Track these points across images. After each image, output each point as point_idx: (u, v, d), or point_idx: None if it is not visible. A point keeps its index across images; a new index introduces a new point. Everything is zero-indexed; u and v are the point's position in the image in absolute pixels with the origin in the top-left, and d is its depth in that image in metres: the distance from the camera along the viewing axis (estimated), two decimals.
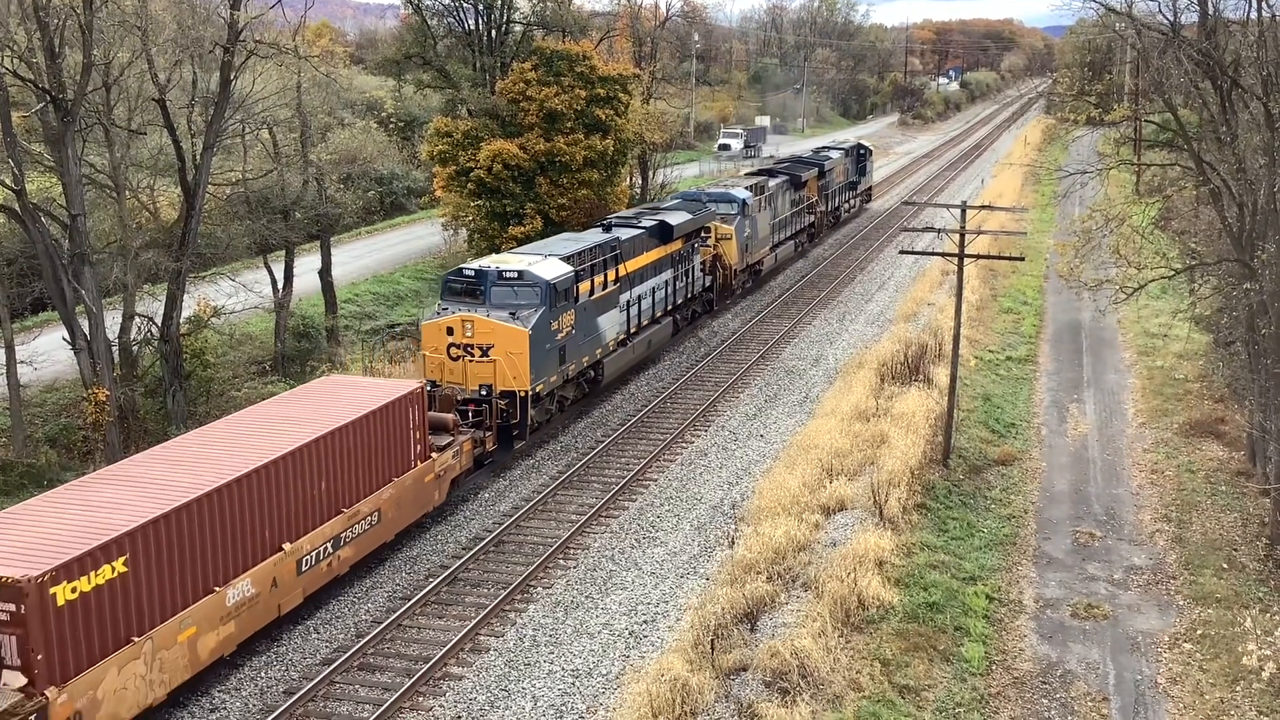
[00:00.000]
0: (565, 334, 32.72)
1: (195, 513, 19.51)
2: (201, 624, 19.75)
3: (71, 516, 18.63)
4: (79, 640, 17.33)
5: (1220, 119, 27.35)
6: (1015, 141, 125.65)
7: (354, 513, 23.83)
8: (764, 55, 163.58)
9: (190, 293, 36.00)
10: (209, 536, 19.88)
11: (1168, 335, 43.22)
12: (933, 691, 20.65)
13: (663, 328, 41.50)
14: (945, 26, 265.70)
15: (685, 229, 42.24)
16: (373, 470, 24.49)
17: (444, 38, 57.86)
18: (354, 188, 47.66)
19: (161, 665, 18.87)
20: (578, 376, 34.69)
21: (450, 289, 32.03)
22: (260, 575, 21.14)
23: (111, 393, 30.80)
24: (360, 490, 24.09)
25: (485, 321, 30.61)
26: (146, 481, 20.23)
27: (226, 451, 21.71)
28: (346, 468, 23.56)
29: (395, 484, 25.29)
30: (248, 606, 20.86)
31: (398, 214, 69.34)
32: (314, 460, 22.47)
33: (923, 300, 49.41)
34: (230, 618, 20.47)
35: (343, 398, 25.28)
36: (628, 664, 21.59)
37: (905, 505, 27.11)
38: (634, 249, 38.12)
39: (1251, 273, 26.18)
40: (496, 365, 30.33)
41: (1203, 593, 24.70)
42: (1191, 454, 32.87)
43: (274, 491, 21.40)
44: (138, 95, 33.35)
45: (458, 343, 30.64)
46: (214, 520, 19.95)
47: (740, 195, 49.50)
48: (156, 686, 18.81)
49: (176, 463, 21.22)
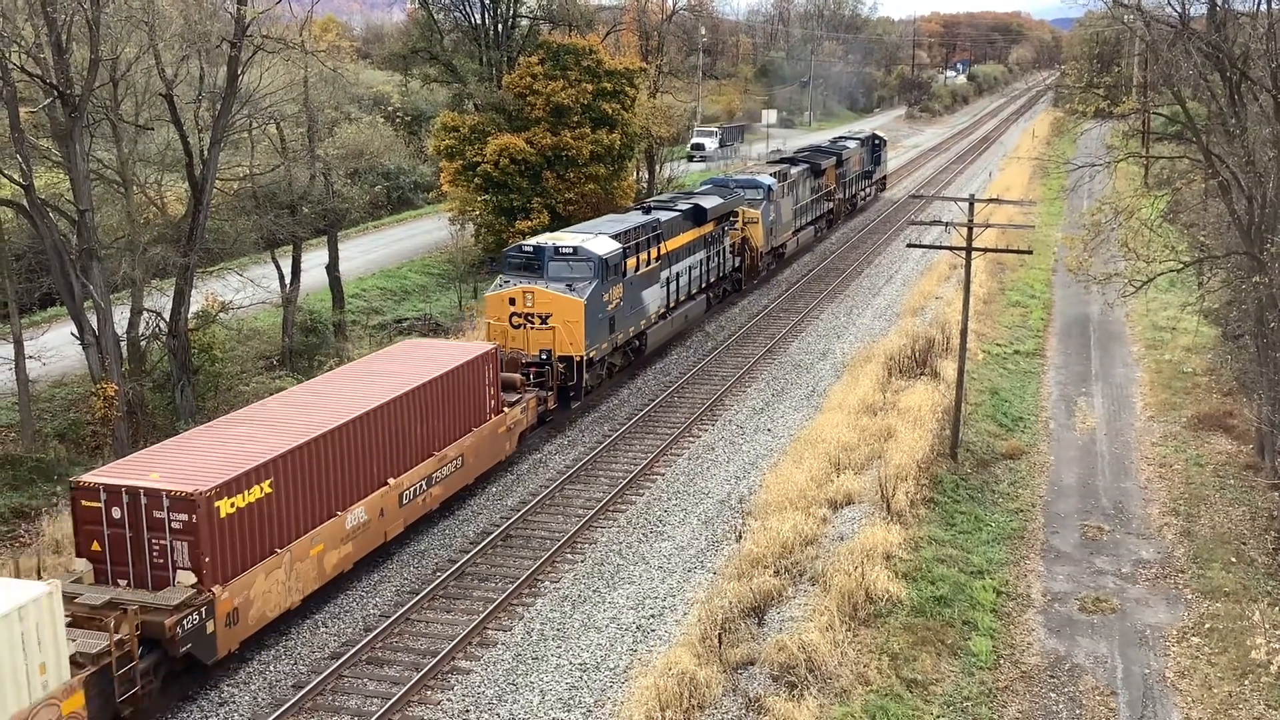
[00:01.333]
0: (614, 305, 35.55)
1: (321, 447, 22.70)
2: (327, 542, 23.05)
3: (222, 447, 21.81)
4: (235, 548, 20.52)
5: (1229, 111, 27.26)
6: (1023, 135, 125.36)
7: (442, 456, 27.08)
8: (770, 49, 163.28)
9: (198, 288, 36.05)
10: (331, 468, 23.08)
11: (1176, 329, 43.11)
12: (940, 685, 20.64)
13: (697, 304, 43.91)
14: (953, 19, 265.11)
15: (717, 212, 44.73)
16: (456, 420, 27.77)
17: (450, 32, 57.88)
18: (361, 183, 47.68)
19: (297, 575, 22.21)
20: (624, 345, 37.49)
21: (510, 264, 34.70)
22: (371, 504, 24.40)
23: (120, 388, 30.86)
24: (446, 437, 27.34)
25: (544, 293, 33.42)
26: (276, 422, 23.36)
27: (337, 400, 24.85)
28: (435, 416, 26.82)
29: (475, 433, 28.55)
30: (362, 531, 24.14)
31: (405, 209, 69.43)
32: (410, 408, 25.73)
33: (930, 294, 49.33)
34: (349, 539, 23.75)
35: (427, 357, 28.59)
36: (635, 658, 21.62)
37: (913, 499, 27.09)
38: (672, 230, 40.62)
39: (1260, 266, 26.11)
40: (555, 332, 33.14)
41: (1211, 586, 24.66)
42: (1200, 448, 32.80)
43: (380, 433, 24.60)
44: (145, 90, 33.41)
45: (519, 312, 33.53)
46: (335, 455, 23.17)
47: (766, 181, 52.13)
48: (293, 592, 22.18)
49: (297, 407, 24.42)
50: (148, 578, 19.94)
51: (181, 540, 19.73)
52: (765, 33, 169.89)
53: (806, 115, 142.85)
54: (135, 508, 19.83)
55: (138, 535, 19.89)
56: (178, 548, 19.79)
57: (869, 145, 76.95)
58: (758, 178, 52.87)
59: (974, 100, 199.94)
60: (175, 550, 19.81)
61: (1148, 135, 66.30)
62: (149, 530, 19.85)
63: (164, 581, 19.87)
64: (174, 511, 19.67)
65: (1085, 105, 35.26)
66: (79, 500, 20.12)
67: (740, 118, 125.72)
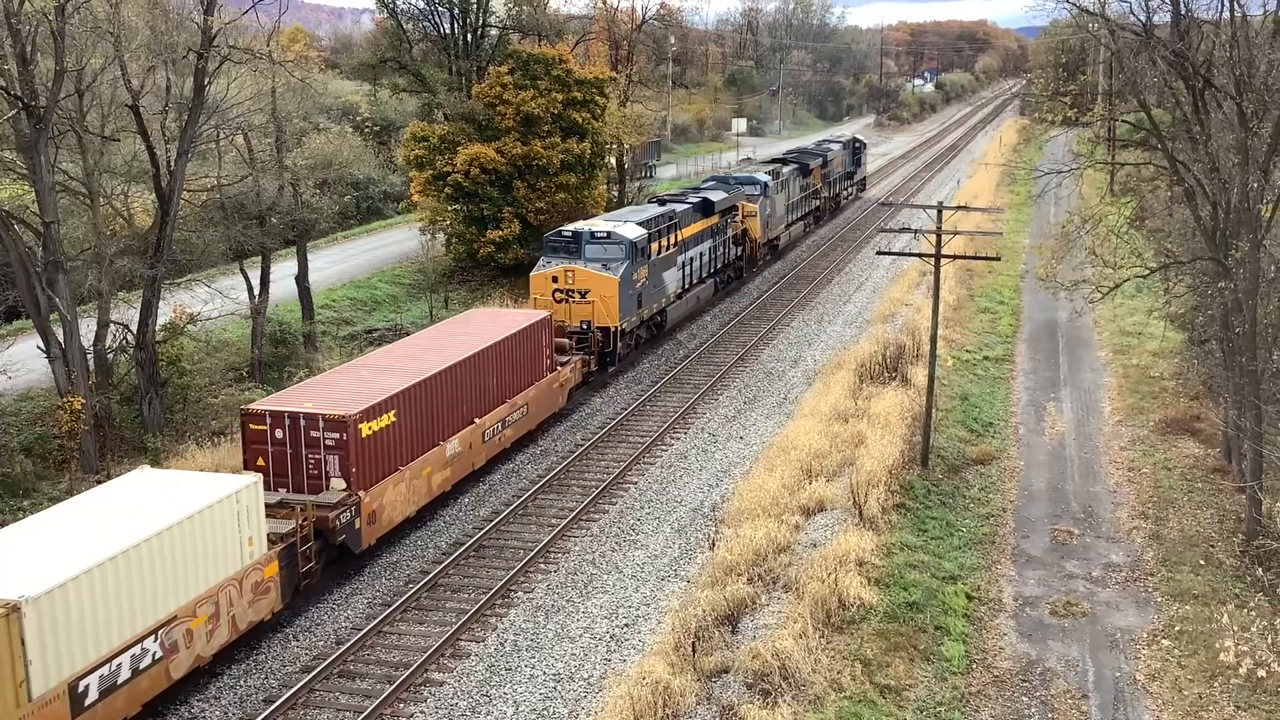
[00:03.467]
0: (642, 284, 40.46)
1: (427, 388, 27.64)
2: (433, 466, 28.06)
3: (355, 384, 26.85)
4: (372, 464, 25.37)
5: (1193, 118, 27.50)
6: (990, 142, 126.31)
7: (513, 404, 32.18)
8: (740, 58, 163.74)
9: (166, 300, 35.76)
10: (434, 406, 28.02)
11: (1143, 334, 43.48)
12: (913, 691, 20.70)
13: (707, 287, 48.77)
14: (920, 28, 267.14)
15: (722, 205, 49.64)
16: (522, 374, 32.85)
17: (419, 42, 57.71)
18: (330, 193, 47.47)
19: (413, 489, 27.17)
20: (649, 320, 42.34)
21: (551, 247, 39.54)
22: (463, 438, 29.45)
23: (87, 401, 30.58)
24: (515, 387, 32.43)
25: (583, 271, 38.43)
26: (389, 368, 28.42)
27: (431, 353, 29.79)
28: (507, 370, 31.91)
29: (536, 386, 33.65)
30: (456, 459, 29.20)
31: (374, 219, 69.10)
32: (488, 362, 30.75)
33: (900, 301, 49.57)
34: (447, 465, 28.79)
35: (496, 321, 33.83)
36: (609, 667, 21.58)
37: (884, 505, 27.17)
38: (686, 220, 45.44)
39: (1225, 271, 26.35)
40: (594, 305, 38.31)
41: (1180, 589, 24.85)
42: (1168, 451, 33.07)
43: (467, 380, 29.62)
44: (111, 101, 33.13)
45: (562, 288, 38.53)
46: (437, 395, 28.14)
47: (762, 178, 57.06)
48: (410, 504, 27.12)
49: (403, 358, 29.49)
50: (304, 485, 24.76)
51: (333, 454, 24.66)
52: (734, 42, 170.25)
53: (776, 124, 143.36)
54: (295, 429, 24.74)
55: (297, 451, 24.79)
56: (330, 461, 24.68)
57: (850, 148, 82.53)
58: (755, 175, 57.62)
59: (942, 108, 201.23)
60: (328, 463, 24.68)
61: (1113, 142, 66.82)
62: (306, 447, 24.73)
63: (318, 488, 24.72)
64: (328, 431, 24.60)
65: (1051, 113, 35.51)
66: (247, 424, 25.01)
67: (710, 126, 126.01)
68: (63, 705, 17.48)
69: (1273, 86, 25.62)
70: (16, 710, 16.68)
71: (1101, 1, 30.06)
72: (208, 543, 20.49)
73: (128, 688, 18.77)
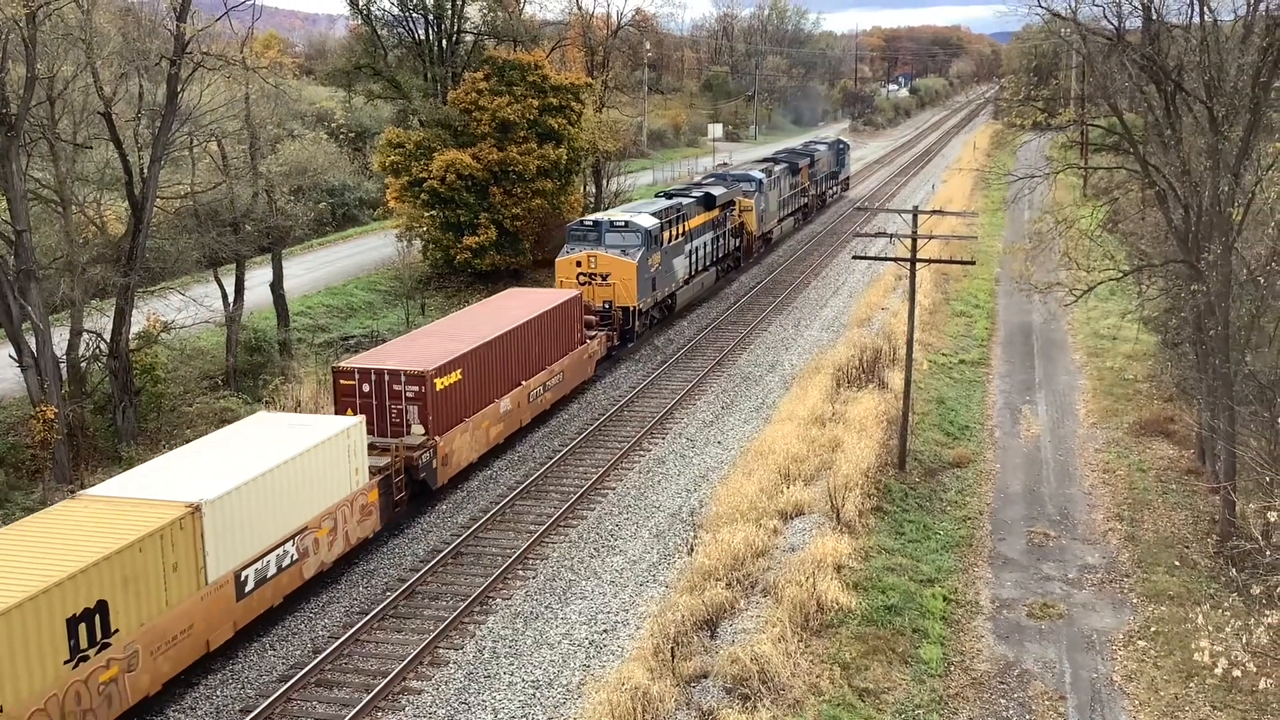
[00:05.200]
0: (655, 269, 44.25)
1: (485, 352, 31.84)
2: (490, 420, 32.30)
3: (426, 347, 31.08)
4: (444, 413, 29.60)
5: (1165, 122, 27.72)
6: (964, 146, 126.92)
7: (550, 370, 36.13)
8: (715, 63, 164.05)
9: (139, 308, 35.54)
10: (490, 368, 32.16)
11: (1117, 336, 43.78)
12: (892, 694, 20.75)
13: (709, 275, 52.57)
14: (894, 33, 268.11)
15: (722, 200, 53.22)
16: (557, 345, 36.76)
17: (394, 48, 57.57)
18: (305, 199, 47.21)
19: (475, 438, 31.35)
20: (661, 302, 46.00)
21: (574, 235, 43.56)
22: (513, 397, 33.66)
23: (60, 410, 30.34)
24: (552, 357, 36.37)
25: (605, 256, 42.38)
26: (451, 335, 32.55)
27: (484, 323, 33.95)
28: (546, 340, 35.87)
29: (569, 356, 37.62)
30: (508, 415, 33.50)
31: (350, 225, 68.84)
32: (532, 331, 34.75)
33: (876, 305, 49.73)
34: (500, 420, 33.03)
35: (536, 298, 38.09)
36: (588, 674, 21.53)
37: (862, 509, 27.25)
38: (691, 212, 49.21)
39: (1198, 274, 26.55)
40: (614, 287, 42.24)
41: (1155, 590, 25.01)
42: (1142, 453, 33.29)
43: (515, 347, 33.68)
44: (83, 109, 32.89)
45: (585, 272, 42.43)
46: (493, 358, 32.33)
47: (757, 176, 61.31)
48: (473, 451, 31.38)
49: (463, 327, 33.75)
50: (388, 431, 28.96)
51: (413, 404, 28.87)
52: (710, 48, 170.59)
53: (752, 129, 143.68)
54: (380, 383, 28.97)
55: (381, 402, 28.97)
56: (410, 410, 28.90)
57: (835, 149, 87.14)
58: (750, 173, 62.04)
59: (916, 113, 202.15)
60: (408, 412, 28.90)
61: (1086, 146, 67.49)
62: (390, 399, 28.94)
63: (399, 434, 28.84)
64: (409, 384, 28.87)
65: (1024, 118, 35.76)
66: (338, 379, 29.45)
67: (686, 132, 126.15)
68: (230, 590, 21.81)
69: (1242, 90, 25.84)
70: (197, 591, 20.92)
71: (1073, 6, 30.31)
72: (327, 469, 24.69)
73: (273, 581, 23.07)
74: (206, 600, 21.11)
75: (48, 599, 17.68)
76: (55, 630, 17.88)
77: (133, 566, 19.34)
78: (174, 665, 20.49)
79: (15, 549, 19.14)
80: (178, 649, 20.46)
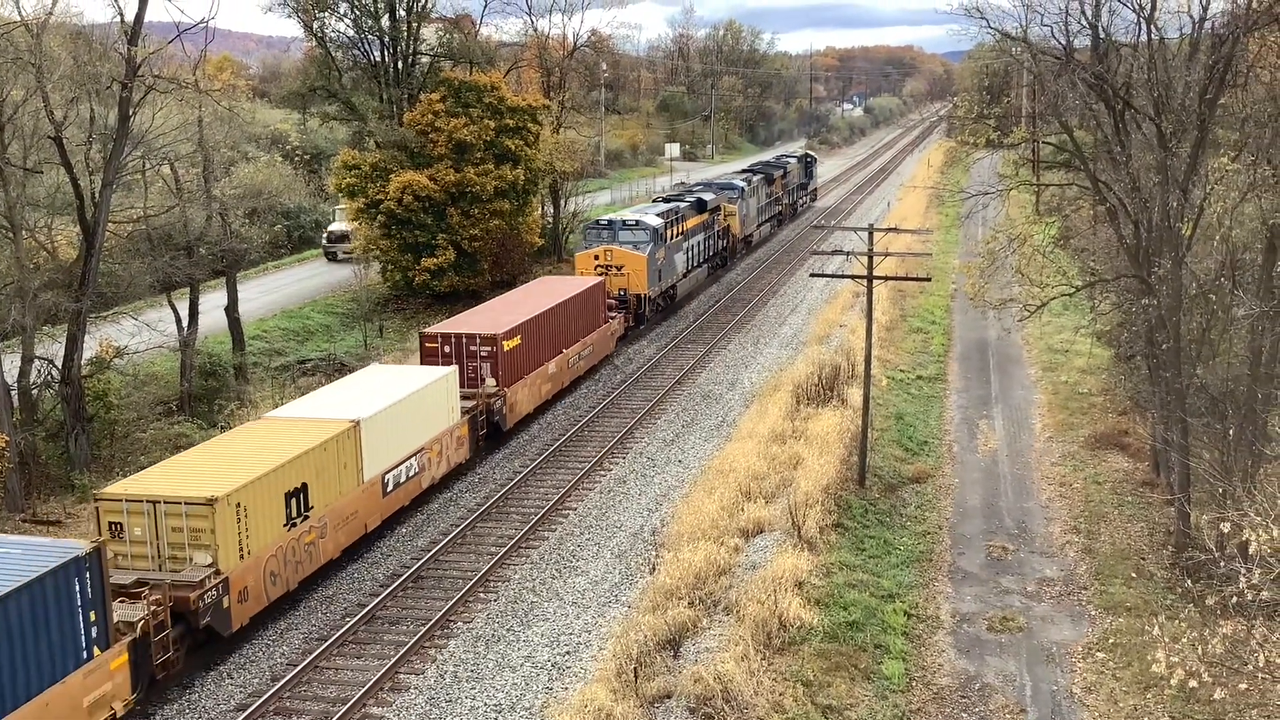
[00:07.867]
0: (661, 262, 50.94)
1: (538, 322, 38.38)
2: (541, 379, 38.84)
3: (492, 318, 37.82)
4: (510, 370, 36.09)
5: (1114, 139, 28.10)
6: (919, 164, 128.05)
7: (583, 342, 42.69)
8: (672, 84, 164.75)
9: (91, 333, 35.09)
10: (541, 336, 38.50)
11: (1070, 351, 44.24)
12: (855, 710, 20.77)
13: (702, 271, 58.95)
14: (848, 53, 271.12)
15: (712, 205, 60.02)
16: (586, 322, 43.18)
17: (349, 70, 57.37)
18: (260, 222, 46.90)
19: (531, 393, 37.98)
20: (666, 291, 52.52)
21: (591, 233, 50.62)
22: (557, 362, 40.14)
23: (11, 438, 29.87)
24: (585, 331, 42.91)
25: (620, 250, 49.02)
26: (507, 309, 39.43)
27: (531, 301, 40.82)
28: (579, 317, 42.33)
29: (596, 332, 44.04)
30: (554, 377, 40.03)
31: (306, 248, 68.39)
32: (569, 309, 41.28)
33: (835, 322, 50.00)
34: (549, 380, 39.59)
35: (567, 284, 44.46)
36: (551, 696, 21.40)
37: (823, 525, 27.31)
38: (687, 215, 55.59)
39: (1149, 288, 26.89)
40: (628, 277, 48.81)
41: (1113, 602, 25.23)
42: (1098, 466, 33.62)
43: (557, 321, 40.11)
44: (33, 133, 32.50)
45: (602, 264, 48.84)
46: (543, 328, 38.79)
47: (739, 184, 68.76)
48: (531, 403, 38.00)
49: (514, 305, 40.36)
50: (464, 384, 34.55)
51: (486, 362, 35.37)
52: (666, 68, 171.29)
53: (709, 148, 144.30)
54: (459, 345, 35.51)
55: (459, 361, 35.13)
56: (484, 367, 35.32)
57: (804, 163, 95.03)
58: (734, 181, 69.65)
59: (871, 132, 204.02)
60: (482, 368, 35.31)
61: (1038, 164, 68.28)
62: (467, 358, 35.35)
63: (474, 386, 34.99)
64: (483, 345, 35.46)
65: (977, 136, 36.14)
66: (424, 342, 35.97)
67: (644, 151, 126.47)
68: (377, 489, 28.24)
69: (1190, 107, 26.27)
70: (358, 487, 27.32)
71: (1023, 26, 30.73)
72: (434, 405, 31.14)
73: (404, 487, 29.56)
74: (364, 494, 27.61)
75: (276, 475, 24.13)
76: (278, 501, 24.23)
77: (321, 461, 25.81)
78: (348, 537, 27.15)
79: (238, 449, 25.42)
80: (349, 526, 27.09)
